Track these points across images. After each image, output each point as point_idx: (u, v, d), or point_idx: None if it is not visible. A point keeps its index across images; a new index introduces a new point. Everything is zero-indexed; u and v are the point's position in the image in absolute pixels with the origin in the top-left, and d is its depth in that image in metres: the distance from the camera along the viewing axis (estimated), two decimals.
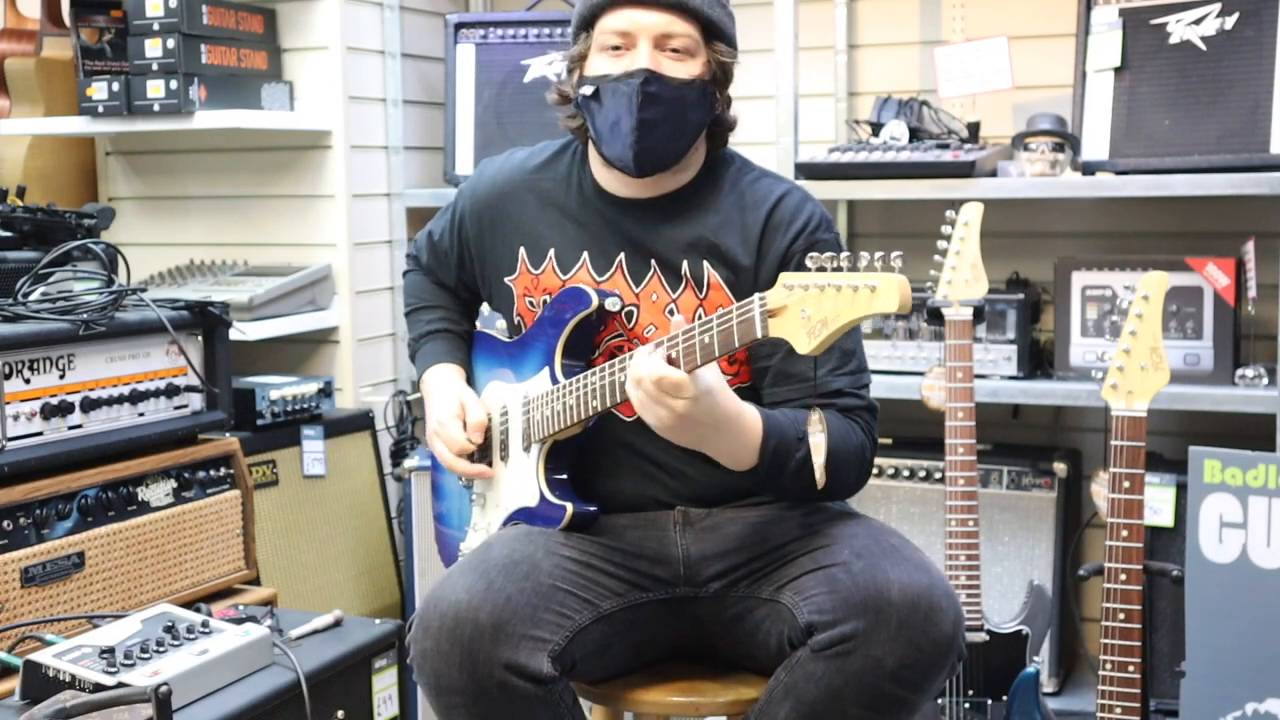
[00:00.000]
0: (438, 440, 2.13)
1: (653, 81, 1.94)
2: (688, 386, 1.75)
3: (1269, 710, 2.25)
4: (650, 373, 1.76)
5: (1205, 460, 2.30)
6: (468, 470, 2.11)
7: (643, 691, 1.96)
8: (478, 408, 2.14)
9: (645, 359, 1.79)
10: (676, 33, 1.96)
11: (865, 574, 1.79)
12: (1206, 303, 2.88)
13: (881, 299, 1.57)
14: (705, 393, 1.77)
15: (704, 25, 1.97)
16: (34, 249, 2.65)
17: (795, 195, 2.04)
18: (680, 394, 1.75)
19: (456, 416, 2.12)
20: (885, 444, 3.17)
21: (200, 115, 3.06)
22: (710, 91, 2.00)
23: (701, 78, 1.98)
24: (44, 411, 2.26)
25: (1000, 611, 2.80)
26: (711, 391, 1.78)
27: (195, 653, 2.06)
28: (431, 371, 2.21)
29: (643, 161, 1.98)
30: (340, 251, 3.32)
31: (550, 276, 2.08)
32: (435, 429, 2.14)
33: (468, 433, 2.11)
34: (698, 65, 1.98)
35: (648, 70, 1.94)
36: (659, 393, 1.76)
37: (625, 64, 1.96)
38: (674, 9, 1.95)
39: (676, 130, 1.98)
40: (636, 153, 1.96)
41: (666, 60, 1.96)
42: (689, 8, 1.96)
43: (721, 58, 2.00)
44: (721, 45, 2.00)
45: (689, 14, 1.96)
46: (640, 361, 1.79)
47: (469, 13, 3.75)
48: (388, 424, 3.40)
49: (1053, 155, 2.93)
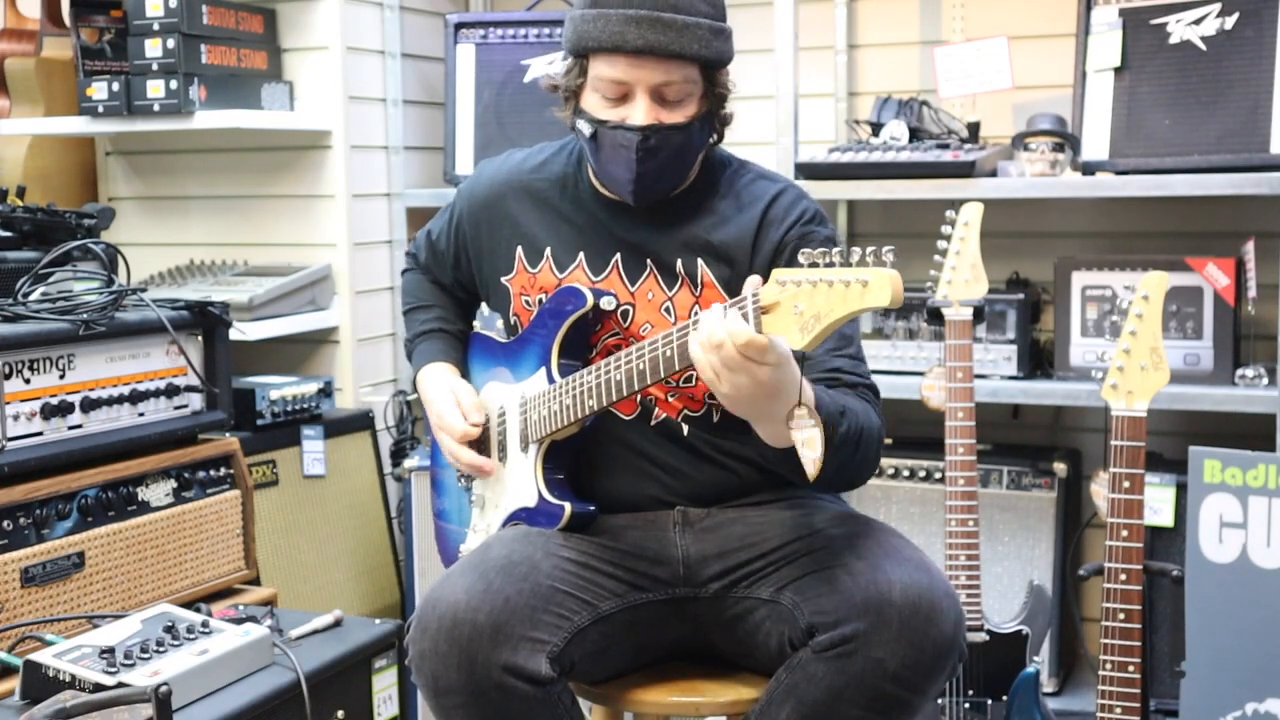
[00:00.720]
0: (442, 433, 2.13)
1: (651, 136, 1.91)
2: (772, 350, 1.66)
3: (1269, 710, 2.25)
4: (735, 335, 1.66)
5: (1205, 460, 2.30)
6: (474, 461, 2.10)
7: (643, 691, 1.96)
8: (470, 392, 2.14)
9: (723, 319, 1.69)
10: (675, 81, 1.90)
11: (866, 575, 1.79)
12: (1206, 303, 2.88)
13: (873, 293, 1.57)
14: (786, 360, 1.69)
15: (704, 65, 1.92)
16: (34, 249, 2.65)
17: (790, 193, 2.04)
18: (765, 359, 1.67)
19: (453, 405, 2.12)
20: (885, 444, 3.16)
21: (200, 115, 3.06)
22: (710, 120, 1.97)
23: (700, 113, 1.94)
24: (44, 411, 2.26)
25: (1000, 611, 2.80)
26: (788, 361, 1.70)
27: (195, 653, 2.06)
28: (424, 372, 2.22)
29: (642, 199, 1.98)
30: (340, 251, 3.32)
31: (547, 276, 2.08)
32: (436, 424, 2.14)
33: (466, 416, 2.10)
34: (695, 103, 1.94)
35: (642, 128, 1.90)
36: (743, 359, 1.66)
37: (622, 113, 1.92)
38: (672, 59, 1.88)
39: (677, 167, 1.97)
40: (635, 193, 1.96)
41: (663, 109, 1.91)
42: (687, 56, 1.89)
43: (721, 90, 1.96)
44: (721, 77, 1.95)
45: (688, 60, 1.90)
46: (719, 322, 1.69)
47: (469, 13, 3.75)
48: (388, 424, 3.40)
49: (1053, 155, 2.93)
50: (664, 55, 1.87)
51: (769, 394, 1.70)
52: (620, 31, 1.87)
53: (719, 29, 1.92)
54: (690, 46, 1.88)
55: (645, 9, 1.87)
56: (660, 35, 1.86)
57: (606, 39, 1.88)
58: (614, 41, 1.88)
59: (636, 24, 1.87)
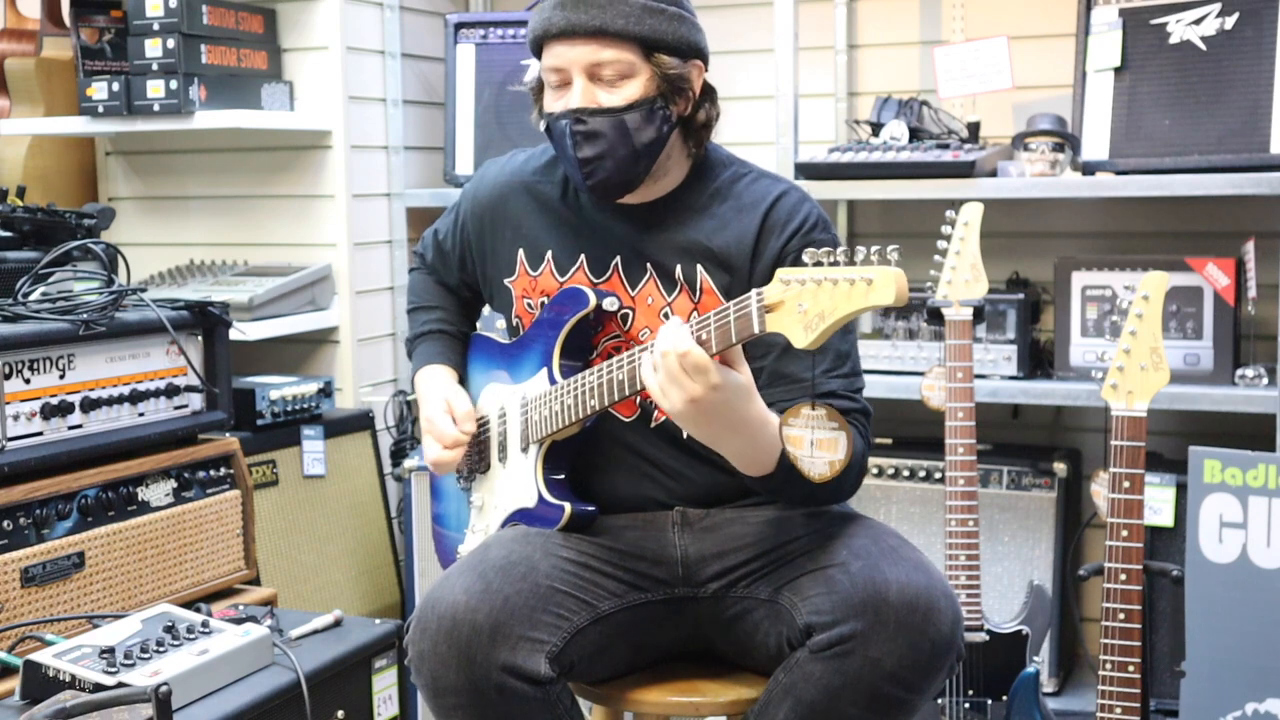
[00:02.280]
0: (428, 437, 2.13)
1: (582, 120, 1.91)
2: (713, 371, 1.70)
3: (1269, 710, 2.25)
4: (677, 346, 1.70)
5: (1205, 460, 2.30)
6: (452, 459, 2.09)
7: (643, 691, 1.96)
8: (463, 399, 2.13)
9: (674, 331, 1.73)
10: (605, 60, 1.90)
11: (864, 574, 1.79)
12: (1206, 303, 2.87)
13: (878, 292, 1.57)
14: (733, 388, 1.73)
15: (639, 43, 1.91)
16: (34, 249, 2.65)
17: (792, 195, 2.02)
18: (701, 377, 1.70)
19: (445, 413, 2.11)
20: (885, 444, 3.17)
21: (200, 115, 3.06)
22: (659, 107, 1.94)
23: (644, 96, 1.92)
24: (44, 411, 2.26)
25: (1000, 611, 2.80)
26: (740, 391, 1.74)
27: (195, 653, 2.06)
28: (422, 373, 2.22)
29: (599, 192, 1.98)
30: (340, 251, 3.32)
31: (548, 279, 2.08)
32: (425, 428, 2.14)
33: (458, 424, 2.10)
34: (637, 86, 1.92)
35: (574, 111, 1.91)
36: (680, 370, 1.70)
37: (565, 101, 1.94)
38: (596, 36, 1.89)
39: (626, 157, 1.94)
40: (591, 186, 1.97)
41: (602, 91, 1.92)
42: (612, 31, 1.88)
43: (668, 70, 1.93)
44: (665, 57, 1.92)
45: (615, 37, 1.89)
46: (669, 333, 1.73)
47: (469, 13, 3.75)
48: (388, 424, 3.40)
49: (1053, 155, 2.93)
50: (586, 33, 1.89)
51: (703, 415, 1.73)
52: (549, 18, 1.92)
53: (657, 8, 1.91)
54: (614, 22, 1.89)
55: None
56: (581, 14, 1.89)
57: (539, 27, 1.94)
58: (544, 28, 1.93)
59: (562, 8, 1.91)
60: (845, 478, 1.86)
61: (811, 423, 1.72)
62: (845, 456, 1.71)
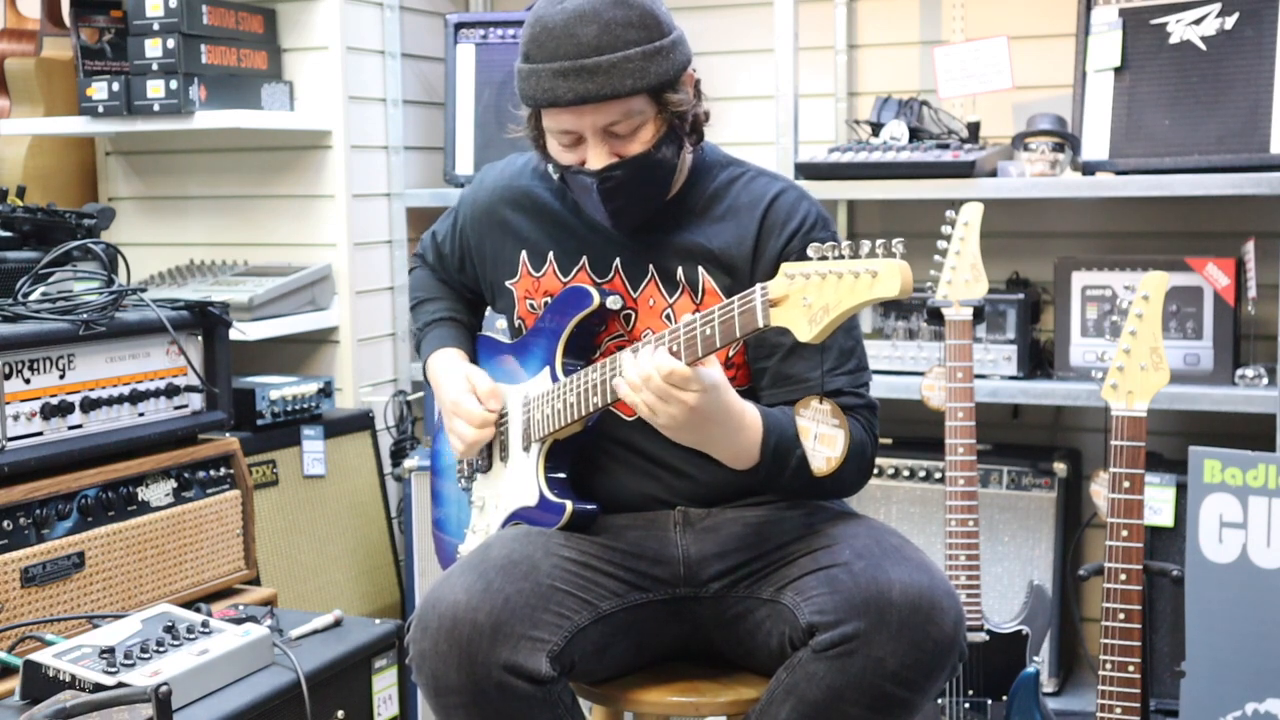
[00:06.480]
0: (457, 419, 2.09)
1: (609, 177, 1.91)
2: (695, 379, 1.75)
3: (1269, 710, 2.25)
4: (659, 368, 1.75)
5: (1205, 460, 2.30)
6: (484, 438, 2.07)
7: (643, 691, 1.96)
8: (484, 377, 2.12)
9: (644, 358, 1.78)
10: (619, 119, 1.88)
11: (866, 574, 1.79)
12: (1206, 303, 2.88)
13: (883, 284, 1.57)
14: (712, 387, 1.77)
15: (649, 93, 1.88)
16: (34, 249, 2.65)
17: (790, 194, 2.02)
18: (690, 387, 1.75)
19: (468, 392, 2.10)
20: (885, 444, 3.17)
21: (200, 115, 3.06)
22: (673, 135, 1.93)
23: (658, 135, 1.91)
24: (44, 411, 2.26)
25: (1000, 611, 2.80)
26: (717, 387, 1.78)
27: (195, 653, 2.06)
28: (434, 358, 2.20)
29: (623, 227, 1.99)
30: (340, 251, 3.32)
31: (551, 279, 2.08)
32: (451, 409, 2.10)
33: (483, 402, 2.09)
34: (651, 129, 1.91)
35: (602, 171, 1.90)
36: (668, 388, 1.75)
37: (580, 155, 1.92)
38: (609, 100, 1.85)
39: (652, 190, 1.96)
40: (616, 223, 1.97)
41: (622, 144, 1.90)
42: (622, 94, 1.85)
43: (676, 107, 1.91)
44: (673, 95, 1.90)
45: (626, 96, 1.86)
46: (639, 361, 1.78)
47: (469, 13, 3.74)
48: (388, 424, 3.40)
49: (1053, 155, 2.93)
50: (598, 101, 1.86)
51: (699, 421, 1.79)
52: (551, 89, 1.86)
53: (654, 50, 1.87)
54: (623, 84, 1.85)
55: (569, 59, 1.84)
56: (588, 84, 1.84)
57: (543, 96, 1.88)
58: (549, 98, 1.87)
59: (564, 77, 1.85)
60: (844, 473, 1.86)
61: (817, 416, 1.77)
62: (841, 455, 1.75)
